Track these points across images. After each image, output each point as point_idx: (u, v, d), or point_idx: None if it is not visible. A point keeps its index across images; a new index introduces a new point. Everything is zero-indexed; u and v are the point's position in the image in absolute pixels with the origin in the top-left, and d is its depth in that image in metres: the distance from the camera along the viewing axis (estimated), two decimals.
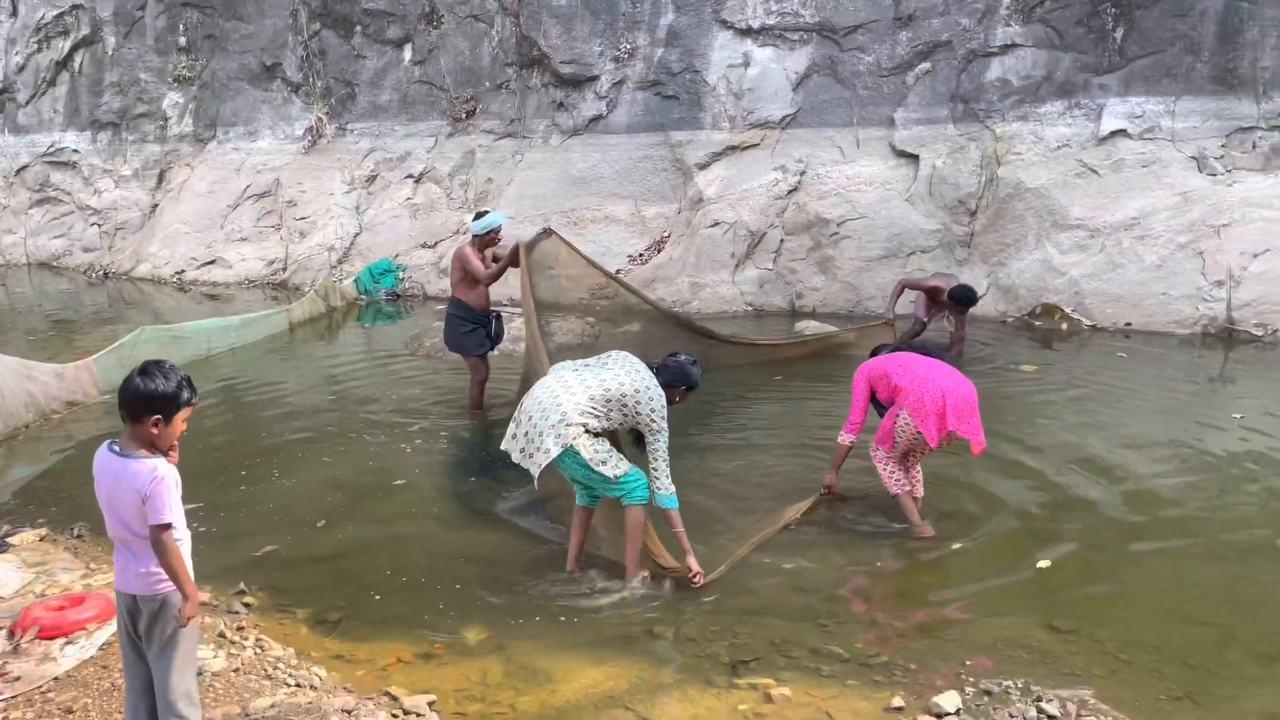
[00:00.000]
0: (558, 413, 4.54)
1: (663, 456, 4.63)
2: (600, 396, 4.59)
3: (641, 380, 4.64)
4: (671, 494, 4.65)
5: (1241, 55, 10.64)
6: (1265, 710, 3.73)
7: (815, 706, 3.77)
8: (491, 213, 7.57)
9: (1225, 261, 10.00)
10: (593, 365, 4.81)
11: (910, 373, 5.30)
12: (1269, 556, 5.05)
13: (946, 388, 5.19)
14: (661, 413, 4.63)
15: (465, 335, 7.56)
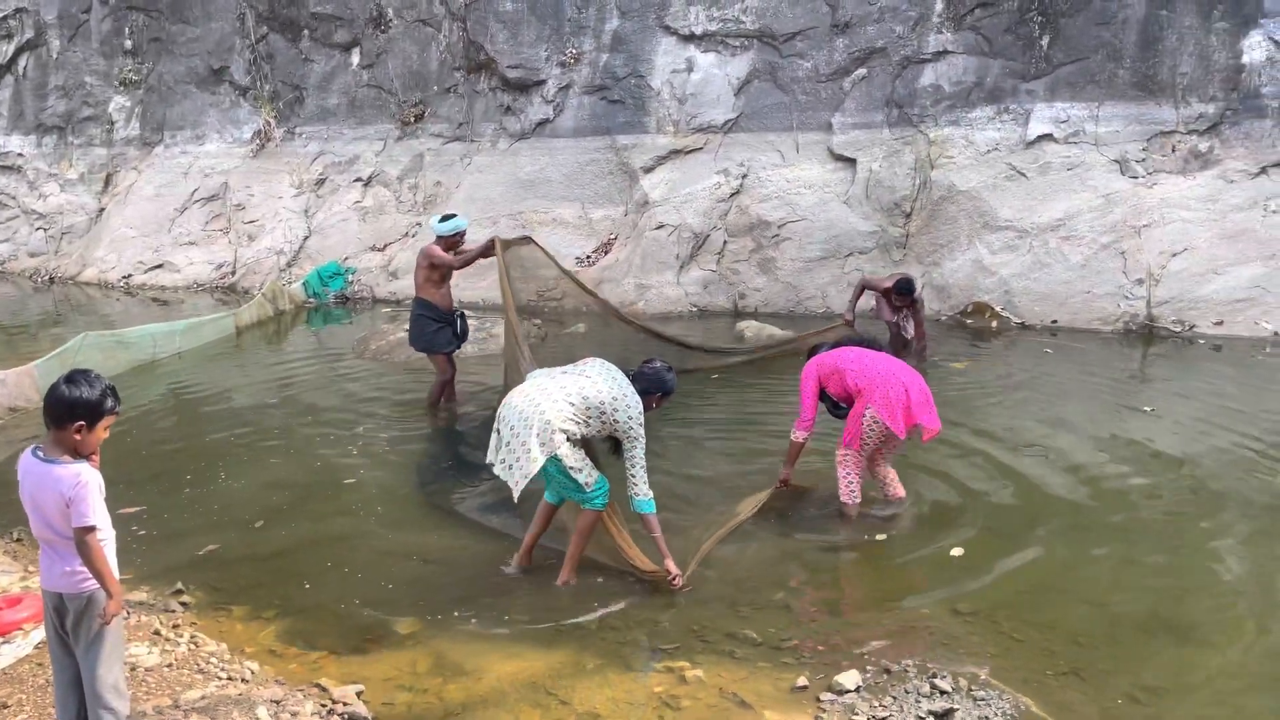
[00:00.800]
0: (540, 420, 4.59)
1: (640, 463, 4.73)
2: (580, 404, 4.66)
3: (619, 388, 4.73)
4: (649, 499, 4.75)
5: (1161, 62, 11.07)
6: (1143, 683, 4.00)
7: (725, 687, 3.99)
8: (458, 216, 7.71)
9: (1145, 261, 10.42)
10: (570, 373, 4.87)
11: (868, 370, 5.44)
12: (1161, 539, 5.37)
13: (906, 381, 5.38)
14: (639, 420, 4.71)
15: (434, 334, 7.68)
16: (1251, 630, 4.42)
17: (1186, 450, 6.68)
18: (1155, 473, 6.34)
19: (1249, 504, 5.77)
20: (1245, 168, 10.59)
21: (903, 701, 3.82)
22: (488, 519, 5.81)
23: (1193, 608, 4.65)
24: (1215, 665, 4.15)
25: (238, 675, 4.00)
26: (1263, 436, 6.89)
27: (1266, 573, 4.96)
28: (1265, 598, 4.71)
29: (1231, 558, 5.12)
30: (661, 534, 4.78)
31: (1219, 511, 5.67)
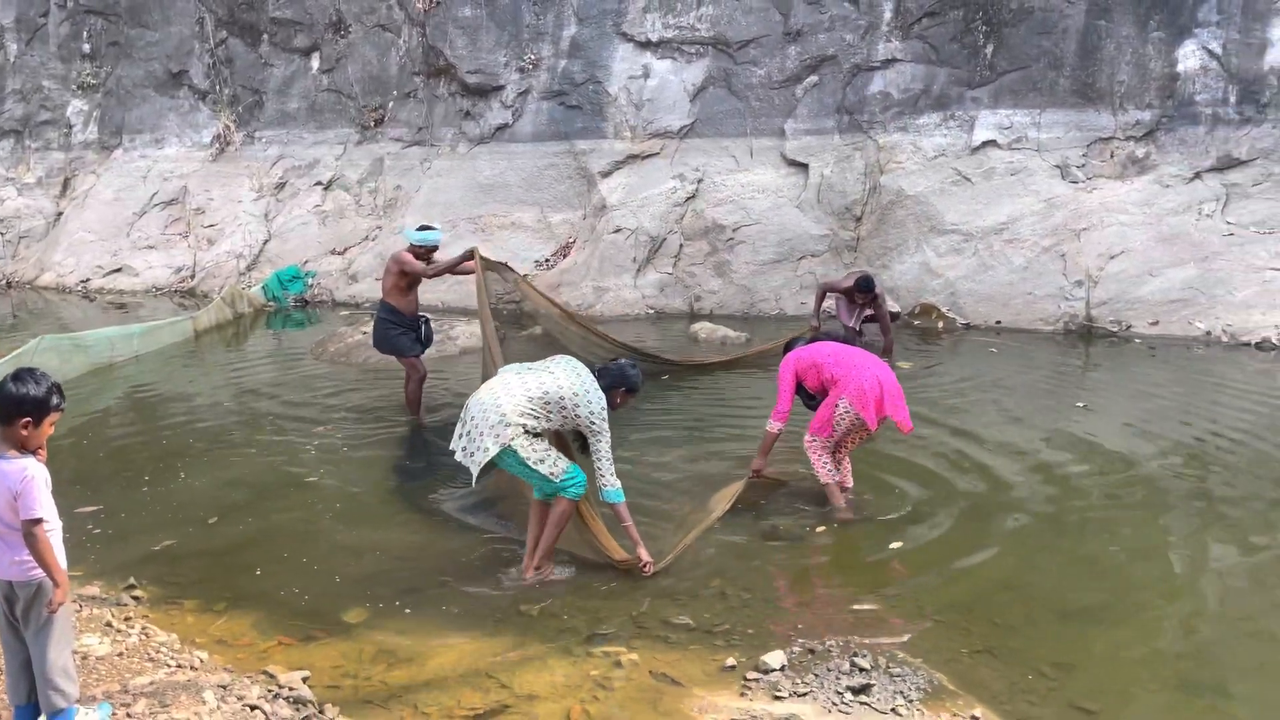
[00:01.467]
0: (497, 413, 4.75)
1: (605, 456, 4.86)
2: (539, 398, 4.81)
3: (582, 383, 4.86)
4: (617, 489, 4.86)
5: (1100, 70, 11.45)
6: (1052, 659, 4.24)
7: (657, 669, 4.18)
8: (435, 230, 7.77)
9: (1084, 263, 10.77)
10: (536, 369, 5.02)
11: (844, 362, 5.63)
12: (1085, 528, 5.61)
13: (880, 375, 5.58)
14: (601, 415, 4.84)
15: (396, 337, 7.72)
16: (1157, 611, 4.68)
17: (1117, 446, 6.94)
18: (1086, 467, 6.58)
19: (1173, 496, 6.04)
20: (1180, 173, 10.99)
21: (824, 678, 4.03)
22: (442, 514, 5.97)
23: (1107, 592, 4.90)
24: (1119, 643, 4.39)
25: (187, 663, 4.14)
26: (1192, 433, 7.19)
27: (1180, 560, 5.23)
28: (1174, 582, 4.99)
29: (1150, 546, 5.38)
30: (632, 522, 4.93)
31: (1144, 503, 5.94)
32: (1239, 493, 6.05)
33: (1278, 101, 10.78)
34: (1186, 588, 4.94)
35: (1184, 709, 3.90)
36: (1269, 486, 6.11)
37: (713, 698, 3.96)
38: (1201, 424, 7.37)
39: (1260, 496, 5.96)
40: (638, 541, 4.93)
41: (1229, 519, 5.68)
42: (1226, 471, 6.43)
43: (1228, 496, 6.00)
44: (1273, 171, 10.69)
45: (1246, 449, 6.79)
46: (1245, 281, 10.12)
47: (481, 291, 7.19)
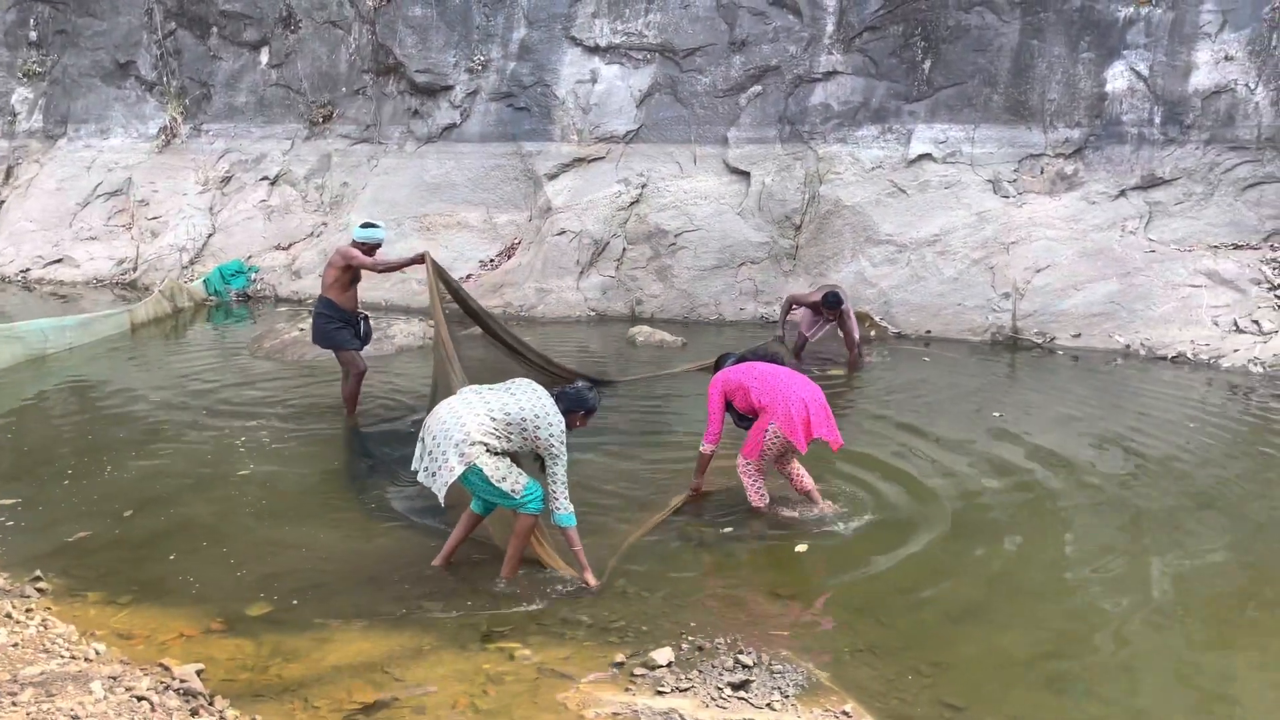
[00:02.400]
0: (460, 431, 4.78)
1: (561, 480, 4.93)
2: (501, 419, 4.86)
3: (542, 406, 4.92)
4: (570, 513, 4.95)
5: (1032, 88, 11.75)
6: (931, 659, 4.41)
7: (548, 664, 4.30)
8: (379, 228, 7.71)
9: (1012, 276, 11.06)
10: (497, 389, 5.07)
11: (770, 387, 5.69)
12: (985, 533, 5.78)
13: (806, 397, 5.65)
14: (560, 438, 4.91)
15: (334, 331, 7.68)
16: (1039, 614, 4.87)
17: (1031, 455, 7.11)
18: (1000, 474, 6.75)
19: (1078, 505, 6.23)
20: (1106, 190, 11.31)
21: (707, 674, 4.17)
22: (367, 513, 6.05)
23: (995, 595, 5.09)
24: (997, 644, 4.58)
25: (81, 655, 4.18)
26: (1104, 444, 7.41)
27: (1070, 565, 5.42)
28: (1060, 586, 5.16)
29: (1045, 552, 5.56)
30: (581, 547, 5.01)
31: (1049, 511, 6.13)
32: (1143, 502, 6.25)
33: (1201, 123, 11.14)
34: (1070, 592, 5.12)
35: (1046, 707, 4.09)
36: (1173, 498, 6.31)
37: (598, 692, 4.09)
38: (1115, 436, 7.59)
39: (1163, 507, 6.17)
40: (585, 566, 5.02)
41: (1128, 527, 5.89)
42: (1133, 481, 6.64)
43: (1132, 505, 6.21)
44: (1194, 191, 11.05)
45: (1154, 460, 7.02)
46: (1164, 297, 10.45)
47: (435, 299, 7.16)
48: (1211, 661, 4.46)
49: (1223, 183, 10.96)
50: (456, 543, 5.27)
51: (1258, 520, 5.99)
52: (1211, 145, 11.06)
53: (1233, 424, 8.06)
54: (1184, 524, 5.92)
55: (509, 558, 5.09)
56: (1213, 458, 7.13)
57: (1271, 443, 7.50)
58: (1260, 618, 4.87)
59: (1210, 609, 4.92)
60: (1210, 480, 6.66)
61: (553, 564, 5.17)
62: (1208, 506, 6.20)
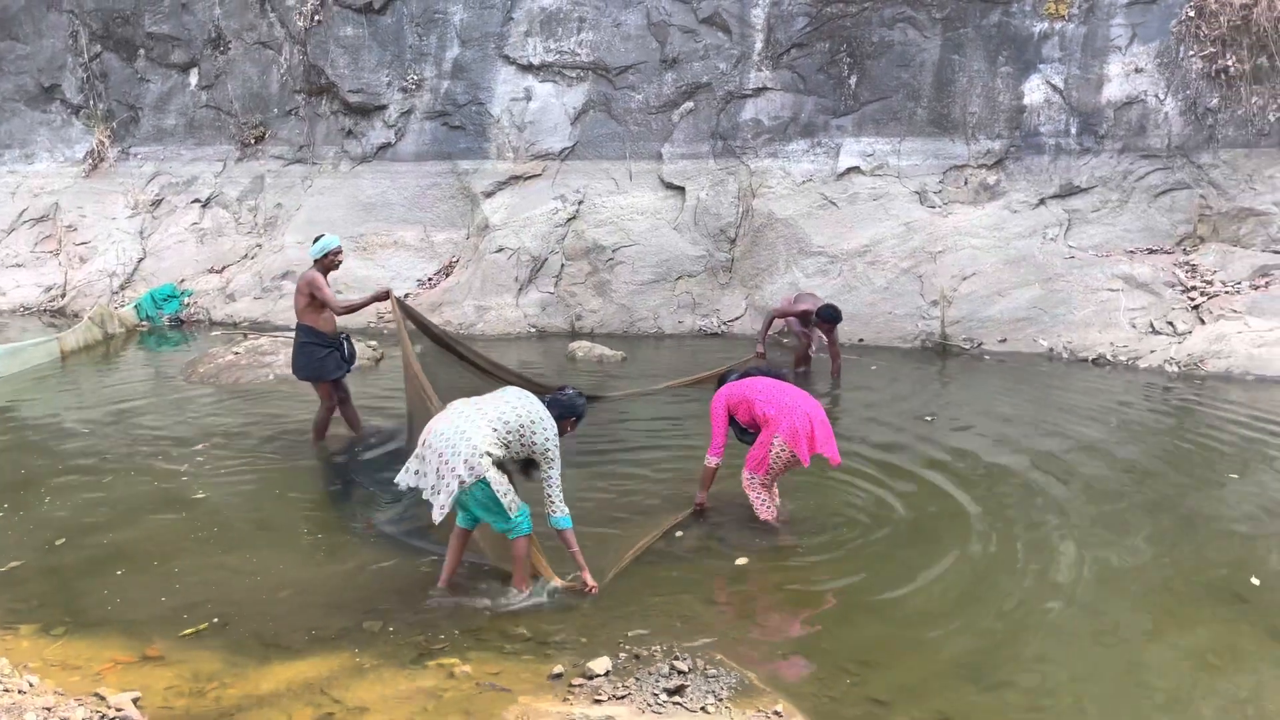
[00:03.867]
0: (467, 445, 4.79)
1: (556, 483, 5.02)
2: (501, 427, 4.90)
3: (536, 411, 4.99)
4: (566, 515, 5.04)
5: (954, 102, 12.12)
6: (859, 657, 4.55)
7: (488, 678, 4.37)
8: (326, 236, 7.56)
9: (940, 284, 11.38)
10: (490, 398, 5.11)
11: (776, 401, 5.76)
12: (916, 533, 5.95)
13: (810, 411, 5.74)
14: (555, 441, 4.99)
15: (322, 360, 7.48)
16: (964, 611, 5.04)
17: (962, 456, 7.35)
18: (930, 476, 6.94)
19: (1007, 503, 6.43)
20: (1027, 199, 11.70)
21: (644, 681, 4.27)
22: (307, 537, 6.04)
23: (923, 594, 5.26)
24: (923, 641, 4.74)
25: (15, 687, 4.15)
26: (1032, 444, 7.66)
27: (998, 561, 5.58)
28: (985, 584, 5.33)
29: (973, 550, 5.73)
30: (578, 549, 5.08)
31: (980, 511, 6.30)
32: (1069, 500, 6.46)
33: (1114, 133, 11.59)
34: (996, 588, 5.28)
35: (967, 698, 4.24)
36: (1098, 496, 6.52)
37: (536, 704, 4.15)
38: (1041, 436, 7.85)
39: (1088, 503, 6.39)
40: (583, 566, 5.08)
41: (1055, 524, 6.07)
42: (1058, 480, 6.85)
43: (1057, 503, 6.41)
44: (1110, 199, 11.48)
45: (1078, 459, 7.26)
46: (1084, 301, 10.83)
47: (401, 331, 7.14)
48: (1132, 652, 4.63)
49: (1136, 190, 11.42)
50: (455, 562, 5.28)
51: (1178, 513, 6.23)
52: (1125, 154, 11.51)
53: (1151, 422, 8.40)
54: (1108, 519, 6.14)
55: (516, 577, 5.11)
56: (1133, 455, 7.41)
57: (1188, 439, 7.82)
58: (1180, 608, 5.06)
59: (1132, 601, 5.11)
60: (1131, 477, 6.92)
61: (546, 574, 5.20)
62: (1130, 502, 6.43)
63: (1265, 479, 6.85)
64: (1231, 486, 6.71)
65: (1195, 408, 8.74)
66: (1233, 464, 7.14)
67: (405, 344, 7.05)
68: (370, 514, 6.44)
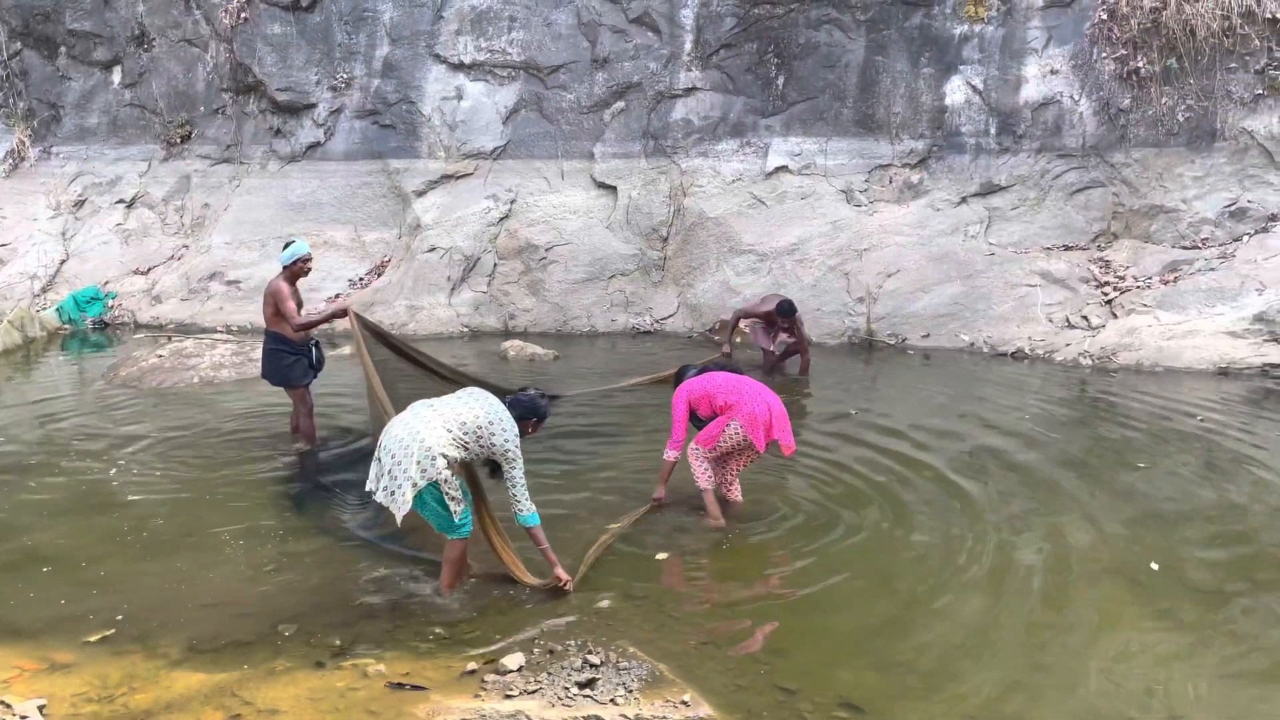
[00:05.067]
0: (421, 447, 4.79)
1: (520, 482, 5.04)
2: (458, 429, 4.90)
3: (495, 412, 4.99)
4: (533, 513, 5.07)
5: (878, 102, 12.37)
6: (769, 646, 4.69)
7: (400, 677, 4.40)
8: (297, 241, 7.53)
9: (865, 281, 11.61)
10: (448, 399, 5.10)
11: (737, 390, 5.96)
12: (831, 525, 6.09)
13: (769, 401, 5.93)
14: (515, 441, 5.01)
15: (289, 367, 7.48)
16: (872, 599, 5.20)
17: (884, 449, 7.53)
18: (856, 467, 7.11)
19: (924, 491, 6.62)
20: (949, 198, 11.99)
21: (555, 676, 4.33)
22: (228, 540, 5.99)
23: (834, 583, 5.40)
24: (830, 628, 4.88)
25: None
26: (953, 434, 7.89)
27: (910, 550, 5.74)
28: (893, 571, 5.50)
29: (886, 540, 5.89)
30: (548, 545, 5.11)
31: (898, 500, 6.49)
32: (981, 492, 6.64)
33: (1032, 133, 11.92)
34: (906, 576, 5.44)
35: (870, 683, 4.38)
36: (1010, 486, 6.72)
37: (447, 700, 4.20)
38: (963, 425, 8.11)
39: (999, 496, 6.57)
40: (554, 563, 5.12)
41: (965, 516, 6.23)
42: (976, 468, 7.07)
43: (971, 495, 6.59)
44: (1028, 197, 11.81)
45: (995, 448, 7.50)
46: (1003, 297, 11.13)
47: (360, 347, 7.09)
48: (1025, 634, 4.82)
49: (1053, 188, 11.76)
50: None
51: (1087, 502, 6.44)
52: (1042, 154, 11.85)
53: (1065, 413, 8.67)
54: (1019, 510, 6.33)
55: (445, 581, 5.15)
56: (1047, 446, 7.62)
57: (1100, 430, 8.09)
58: (1078, 591, 5.25)
59: (1032, 586, 5.29)
60: (1044, 467, 7.11)
61: (521, 575, 5.23)
62: (1041, 492, 6.64)
63: (1171, 468, 7.12)
64: (1140, 475, 6.96)
65: (1107, 399, 9.05)
66: (1141, 454, 7.41)
67: (365, 359, 7.00)
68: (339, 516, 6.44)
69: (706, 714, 4.08)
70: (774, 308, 9.65)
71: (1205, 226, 11.03)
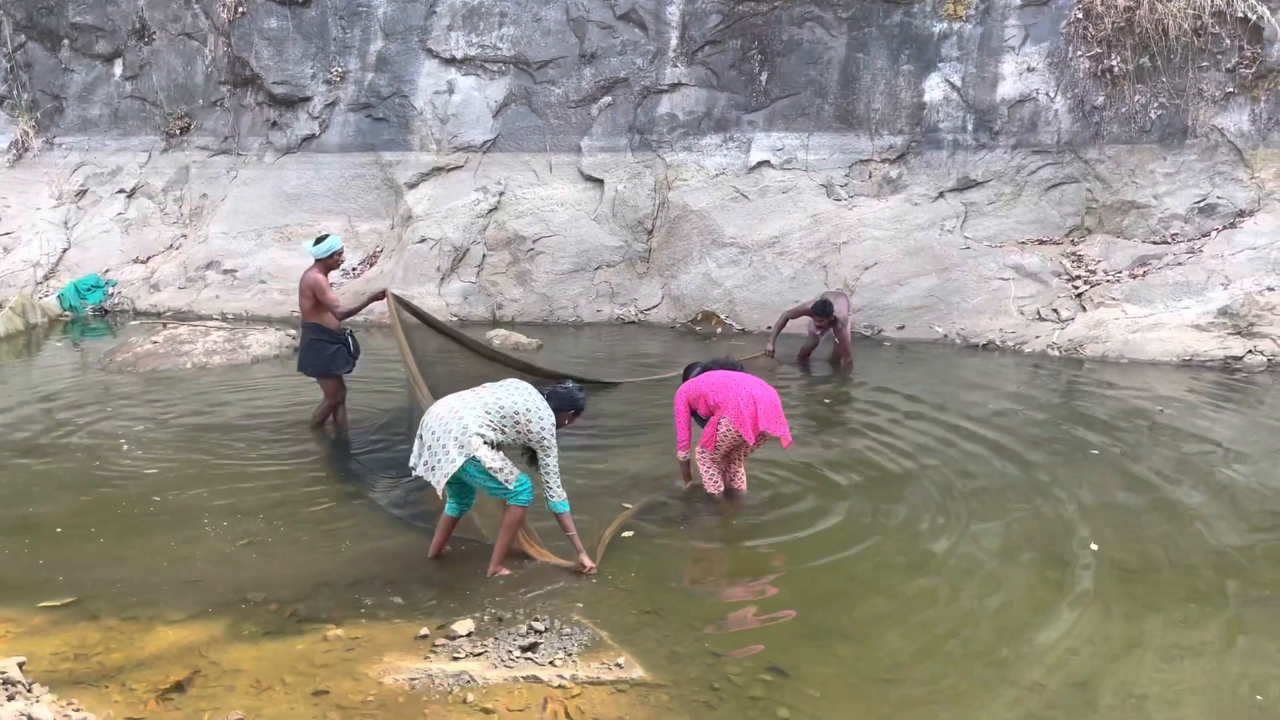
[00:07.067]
0: (459, 425, 5.09)
1: (553, 470, 5.30)
2: (496, 412, 5.19)
3: (533, 400, 5.28)
4: (564, 499, 5.34)
5: (859, 99, 12.61)
6: (707, 616, 4.97)
7: (358, 640, 4.71)
8: (331, 236, 7.71)
9: (843, 274, 11.86)
10: (490, 387, 5.41)
11: (725, 387, 6.21)
12: (782, 504, 6.40)
13: (757, 395, 6.15)
14: (551, 431, 5.27)
15: (331, 356, 7.69)
16: (811, 576, 5.47)
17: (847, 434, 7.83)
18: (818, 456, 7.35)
19: (876, 477, 6.89)
20: (926, 192, 12.22)
21: (501, 640, 4.63)
22: (214, 518, 6.28)
23: (778, 560, 5.69)
24: (770, 600, 5.18)
25: None
26: (919, 418, 8.16)
27: (859, 534, 5.98)
28: (835, 549, 5.74)
29: (836, 521, 6.15)
30: (575, 532, 5.39)
31: (848, 483, 6.76)
32: (940, 477, 6.90)
33: (1008, 129, 12.14)
34: (852, 556, 5.67)
35: (799, 648, 4.65)
36: (969, 472, 6.96)
37: (399, 661, 4.50)
38: (930, 412, 8.36)
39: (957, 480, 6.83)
40: (580, 549, 5.39)
41: (919, 500, 6.49)
42: (934, 459, 7.30)
43: (928, 479, 6.85)
44: (1003, 192, 12.04)
45: (956, 438, 7.72)
46: (977, 290, 11.37)
47: (398, 330, 7.35)
48: (953, 610, 5.07)
49: (1029, 184, 11.99)
50: (442, 542, 5.61)
51: (1042, 487, 6.68)
52: (1018, 150, 12.08)
53: (1031, 403, 8.87)
54: (973, 493, 6.58)
55: (497, 549, 5.42)
56: (1010, 433, 7.84)
57: (1062, 419, 8.32)
58: (1011, 574, 5.49)
59: (969, 565, 5.55)
60: (1004, 454, 7.35)
61: (542, 557, 5.51)
62: (998, 477, 6.89)
63: (1126, 456, 7.33)
64: (1094, 462, 7.19)
65: (1071, 390, 9.30)
66: (1098, 442, 7.63)
67: (401, 341, 7.26)
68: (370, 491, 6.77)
69: (638, 675, 4.38)
70: (810, 307, 9.87)
71: (1175, 222, 11.26)
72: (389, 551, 5.85)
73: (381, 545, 5.95)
